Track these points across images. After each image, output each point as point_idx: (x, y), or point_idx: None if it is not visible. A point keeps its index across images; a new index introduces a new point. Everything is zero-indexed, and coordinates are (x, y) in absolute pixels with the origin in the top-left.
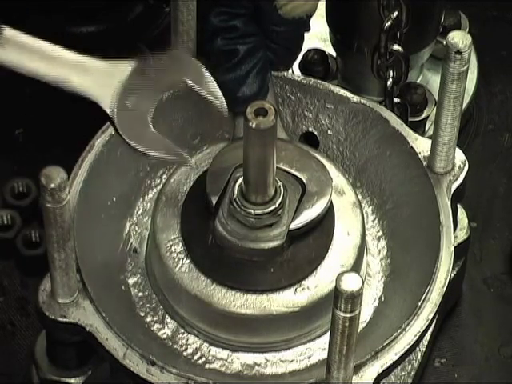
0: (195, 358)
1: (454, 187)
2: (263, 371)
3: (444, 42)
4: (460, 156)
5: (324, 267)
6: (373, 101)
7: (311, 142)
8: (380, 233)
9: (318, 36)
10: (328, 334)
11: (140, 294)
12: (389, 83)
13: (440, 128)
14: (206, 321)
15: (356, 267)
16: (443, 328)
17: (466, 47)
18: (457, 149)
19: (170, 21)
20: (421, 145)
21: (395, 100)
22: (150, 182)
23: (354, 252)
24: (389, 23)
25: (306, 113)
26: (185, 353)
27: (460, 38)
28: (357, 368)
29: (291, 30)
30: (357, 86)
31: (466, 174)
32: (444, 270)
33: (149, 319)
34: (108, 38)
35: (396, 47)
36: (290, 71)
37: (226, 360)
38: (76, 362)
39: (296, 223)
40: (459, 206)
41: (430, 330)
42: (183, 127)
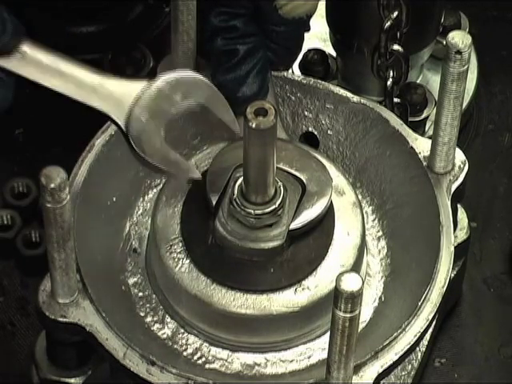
0: (195, 358)
1: (454, 187)
2: (263, 371)
3: (444, 42)
4: (460, 156)
5: (324, 267)
6: (373, 101)
7: (311, 142)
8: (380, 233)
9: (318, 36)
10: (328, 334)
11: (140, 294)
12: (389, 83)
13: (440, 128)
14: (206, 321)
15: (356, 267)
16: (443, 328)
17: (466, 47)
18: (457, 149)
19: (170, 21)
20: (421, 145)
21: (395, 100)
22: (150, 182)
23: (354, 252)
24: (389, 23)
25: (306, 113)
26: (185, 353)
27: (460, 38)
28: (357, 368)
29: (291, 30)
30: (357, 86)
31: (466, 174)
32: (444, 270)
33: (149, 319)
34: (108, 38)
35: (396, 47)
36: (290, 71)
37: (226, 360)
38: (76, 362)
39: (296, 223)
40: (459, 206)
41: (430, 330)
42: (183, 127)
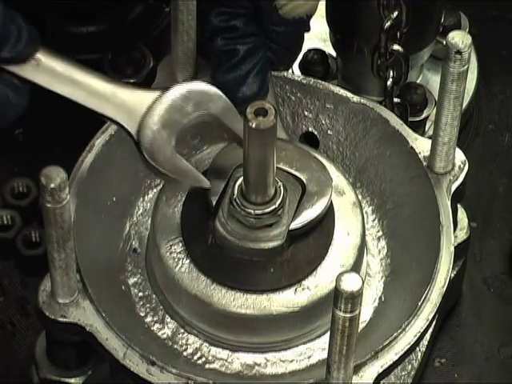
0: (195, 358)
1: (454, 187)
2: (263, 371)
3: (444, 42)
4: (460, 156)
5: (324, 267)
6: (373, 101)
7: (311, 142)
8: (380, 233)
9: (318, 36)
10: (328, 334)
11: (140, 294)
12: (389, 83)
13: (440, 128)
14: (206, 321)
15: (356, 267)
16: (443, 328)
17: (466, 47)
18: (457, 149)
19: (170, 21)
20: (421, 145)
21: (395, 100)
22: (150, 182)
23: (354, 252)
24: (389, 23)
25: (306, 113)
26: (185, 353)
27: (460, 38)
28: (357, 368)
29: (291, 30)
30: (357, 86)
31: (466, 174)
32: (444, 270)
33: (149, 319)
34: (108, 38)
35: (396, 47)
36: (290, 71)
37: (226, 360)
38: (76, 362)
39: (296, 223)
40: (459, 206)
41: (430, 330)
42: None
